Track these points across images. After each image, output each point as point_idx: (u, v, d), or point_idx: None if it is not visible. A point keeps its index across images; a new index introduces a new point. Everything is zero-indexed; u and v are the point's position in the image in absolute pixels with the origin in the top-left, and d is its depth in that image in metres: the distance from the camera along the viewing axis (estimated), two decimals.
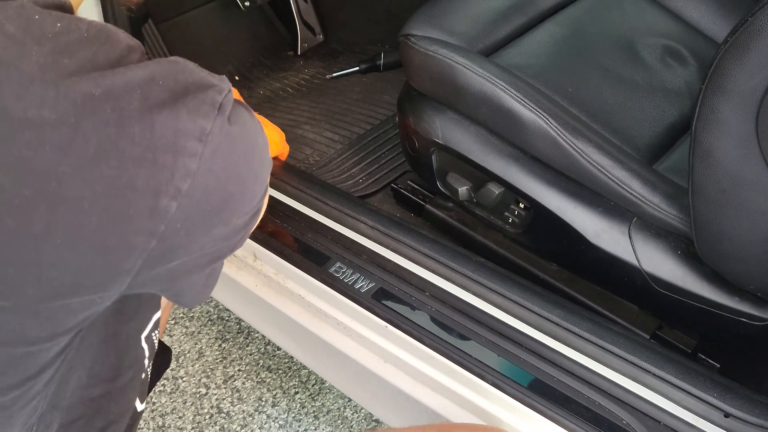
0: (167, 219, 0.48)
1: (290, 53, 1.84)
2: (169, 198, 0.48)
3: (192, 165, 0.48)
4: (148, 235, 0.48)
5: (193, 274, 0.58)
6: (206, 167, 0.49)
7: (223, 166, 0.50)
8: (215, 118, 0.49)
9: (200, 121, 0.48)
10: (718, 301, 0.89)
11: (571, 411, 0.83)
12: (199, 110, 0.48)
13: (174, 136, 0.47)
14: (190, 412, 1.42)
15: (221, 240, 0.56)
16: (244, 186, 0.54)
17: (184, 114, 0.48)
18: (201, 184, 0.49)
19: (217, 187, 0.51)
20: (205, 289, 0.64)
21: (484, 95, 0.99)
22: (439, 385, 0.93)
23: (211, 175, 0.49)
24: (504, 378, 0.88)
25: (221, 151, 0.50)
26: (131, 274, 0.50)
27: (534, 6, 1.16)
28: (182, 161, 0.47)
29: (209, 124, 0.48)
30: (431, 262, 1.00)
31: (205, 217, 0.51)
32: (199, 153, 0.48)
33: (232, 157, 0.51)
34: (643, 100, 1.04)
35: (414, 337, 0.94)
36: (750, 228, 0.78)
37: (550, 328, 0.90)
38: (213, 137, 0.49)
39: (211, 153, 0.49)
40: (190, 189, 0.48)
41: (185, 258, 0.53)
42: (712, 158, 0.75)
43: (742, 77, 0.68)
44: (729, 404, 0.80)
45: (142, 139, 0.46)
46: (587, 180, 0.95)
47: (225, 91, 0.50)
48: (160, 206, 0.47)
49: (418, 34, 1.06)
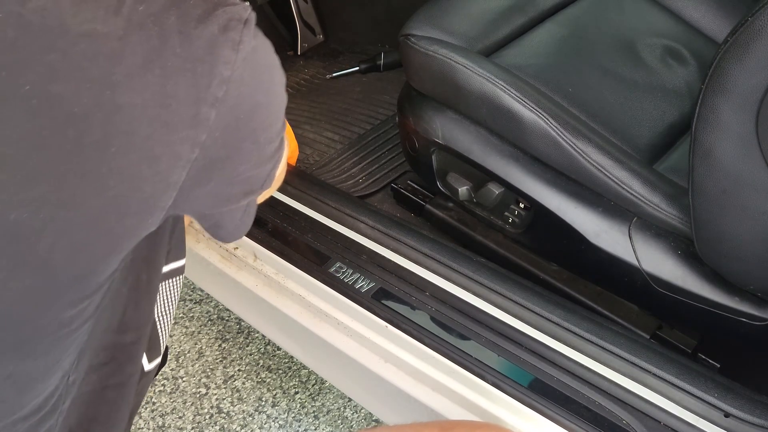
0: (208, 127, 0.52)
1: (290, 53, 1.84)
2: (208, 106, 0.52)
3: (226, 72, 0.52)
4: (191, 144, 0.52)
5: (231, 203, 0.63)
6: (238, 75, 0.53)
7: (252, 75, 0.54)
8: (242, 29, 0.53)
9: (231, 33, 0.52)
10: (718, 301, 0.89)
11: (571, 411, 0.83)
12: (228, 24, 0.52)
13: (209, 46, 0.51)
14: (190, 412, 1.42)
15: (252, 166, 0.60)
16: (269, 98, 0.58)
17: (215, 27, 0.52)
18: (234, 91, 0.53)
19: (248, 94, 0.55)
20: (242, 224, 0.69)
21: (484, 95, 0.99)
22: (439, 385, 0.94)
23: (242, 84, 0.53)
24: (504, 378, 0.88)
25: (249, 61, 0.53)
26: (177, 187, 0.54)
27: (534, 6, 1.16)
28: (218, 69, 0.51)
29: (238, 35, 0.52)
30: (431, 262, 1.00)
31: (239, 126, 0.55)
32: (233, 61, 0.52)
33: (258, 68, 0.55)
34: (643, 99, 1.04)
35: (414, 337, 0.94)
36: (750, 228, 0.78)
37: (550, 328, 0.90)
38: (243, 47, 0.53)
39: (242, 61, 0.53)
40: (226, 96, 0.52)
41: (222, 179, 0.58)
42: (712, 158, 0.75)
43: (742, 77, 0.68)
44: (729, 404, 0.80)
45: (181, 50, 0.51)
46: (587, 180, 0.95)
47: (248, 9, 0.55)
48: (201, 114, 0.52)
49: (418, 34, 1.06)
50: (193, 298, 1.64)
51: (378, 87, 1.65)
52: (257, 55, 0.55)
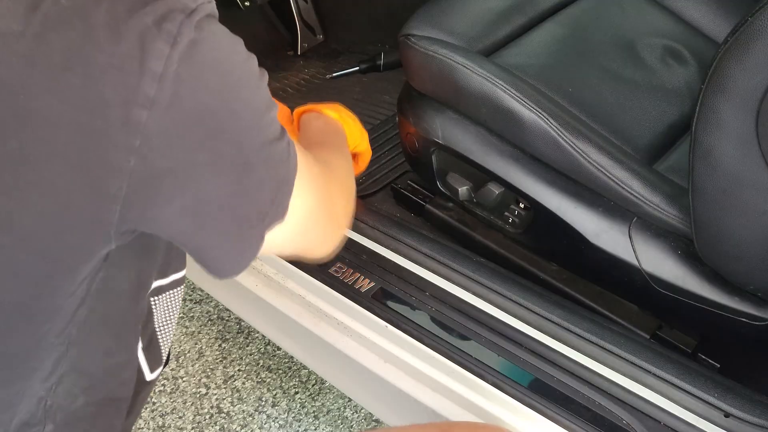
0: (140, 131, 0.46)
1: (290, 53, 1.84)
2: (139, 107, 0.46)
3: (158, 68, 0.46)
4: (124, 151, 0.46)
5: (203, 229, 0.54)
6: (173, 71, 0.46)
7: (192, 72, 0.48)
8: (183, 21, 0.47)
9: (166, 25, 0.46)
10: (718, 301, 0.89)
11: (571, 411, 0.83)
12: (167, 15, 0.46)
13: (140, 40, 0.45)
14: (190, 412, 1.42)
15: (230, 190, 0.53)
16: (222, 102, 0.50)
17: (150, 18, 0.46)
18: (169, 89, 0.46)
19: (188, 95, 0.48)
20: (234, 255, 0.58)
21: (484, 95, 0.99)
22: (439, 385, 0.94)
23: (180, 82, 0.47)
24: (504, 378, 0.88)
25: (189, 56, 0.47)
26: (119, 201, 0.48)
27: (534, 6, 1.16)
28: (148, 65, 0.45)
29: (175, 27, 0.46)
30: (431, 262, 1.00)
31: (182, 134, 0.48)
32: (166, 55, 0.46)
33: (201, 65, 0.48)
34: (643, 100, 1.04)
35: (414, 337, 0.94)
36: (750, 228, 0.78)
37: (550, 328, 0.90)
38: (181, 39, 0.46)
39: (178, 57, 0.46)
40: (159, 95, 0.46)
41: (188, 199, 0.51)
42: (712, 158, 0.75)
43: (742, 77, 0.68)
44: (729, 404, 0.80)
45: (108, 45, 0.45)
46: (587, 180, 0.95)
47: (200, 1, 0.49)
48: (131, 116, 0.46)
49: (418, 34, 1.06)
50: (193, 298, 1.64)
51: (378, 87, 1.65)
52: (200, 50, 0.48)
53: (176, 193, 0.50)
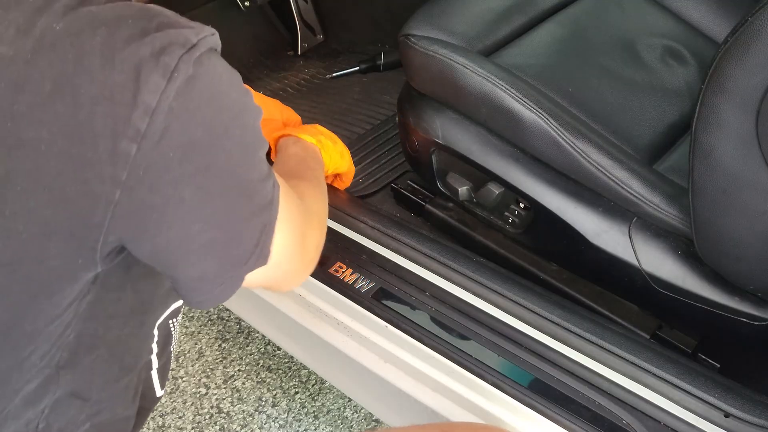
0: (128, 164, 0.45)
1: (290, 53, 1.84)
2: (128, 140, 0.45)
3: (152, 101, 0.44)
4: (110, 183, 0.46)
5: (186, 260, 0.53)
6: (166, 106, 0.45)
7: (186, 107, 0.46)
8: (182, 55, 0.45)
9: (165, 58, 0.45)
10: (718, 301, 0.89)
11: (571, 411, 0.83)
12: (166, 48, 0.45)
13: (135, 71, 0.44)
14: (190, 412, 1.42)
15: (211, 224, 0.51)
16: (211, 136, 0.49)
17: (148, 50, 0.45)
18: (161, 124, 0.45)
19: (180, 129, 0.46)
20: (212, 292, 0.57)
21: (484, 95, 0.99)
22: (439, 385, 0.93)
23: (172, 116, 0.45)
24: (504, 378, 0.88)
25: (185, 91, 0.46)
26: (102, 230, 0.47)
27: (534, 6, 1.16)
28: (142, 98, 0.44)
29: (174, 61, 0.45)
30: (431, 262, 1.00)
31: (170, 167, 0.47)
32: (161, 89, 0.45)
33: (196, 100, 0.47)
34: (643, 99, 1.04)
35: (414, 337, 0.94)
36: (750, 228, 0.78)
37: (550, 328, 0.90)
38: (178, 75, 0.45)
39: (174, 91, 0.45)
40: (150, 129, 0.45)
41: (166, 232, 0.49)
42: (712, 158, 0.75)
43: (742, 77, 0.68)
44: (729, 404, 0.80)
45: (100, 74, 0.44)
46: (587, 180, 0.95)
47: (202, 34, 0.47)
48: (119, 149, 0.45)
49: (418, 34, 1.06)
50: None
51: (378, 87, 1.65)
52: (197, 85, 0.46)
53: (161, 228, 0.49)
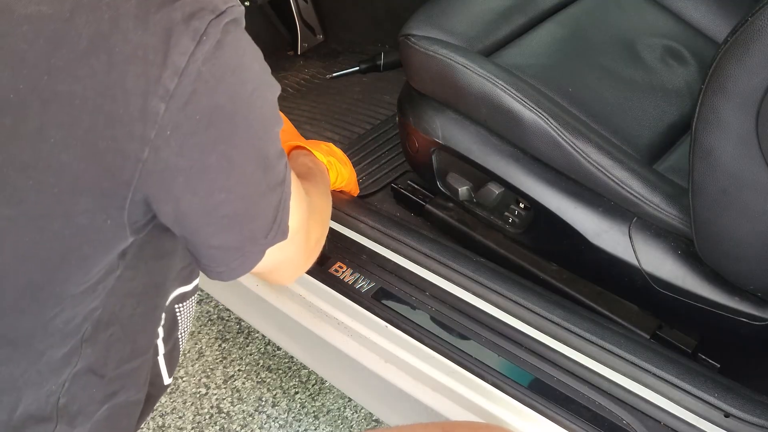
0: (157, 123, 0.47)
1: (290, 53, 1.84)
2: (157, 98, 0.46)
3: (180, 63, 0.46)
4: (139, 141, 0.47)
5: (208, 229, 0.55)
6: (195, 69, 0.47)
7: (213, 72, 0.48)
8: (211, 21, 0.47)
9: (195, 22, 0.47)
10: (718, 301, 0.89)
11: (571, 411, 0.83)
12: (196, 13, 0.47)
13: (166, 34, 0.46)
14: (190, 412, 1.42)
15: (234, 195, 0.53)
16: (234, 105, 0.51)
17: (179, 14, 0.46)
18: (189, 86, 0.47)
19: (206, 93, 0.48)
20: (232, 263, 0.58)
21: (484, 95, 0.99)
22: (439, 385, 0.94)
23: (199, 79, 0.47)
24: (504, 378, 0.88)
25: (213, 56, 0.47)
26: (130, 188, 0.49)
27: (534, 6, 1.16)
28: (172, 59, 0.46)
29: (203, 26, 0.47)
30: (431, 262, 1.00)
31: (196, 131, 0.49)
32: (190, 51, 0.46)
33: (223, 66, 0.48)
34: (643, 99, 1.04)
35: (414, 337, 0.94)
36: (750, 228, 0.78)
37: (550, 328, 0.90)
38: (207, 39, 0.47)
39: (202, 56, 0.47)
40: (178, 89, 0.47)
41: (191, 197, 0.51)
42: (712, 158, 0.75)
43: (742, 77, 0.68)
44: (729, 404, 0.80)
45: (134, 35, 0.46)
46: (587, 180, 0.95)
47: (230, 3, 0.49)
48: (149, 107, 0.46)
49: (418, 34, 1.06)
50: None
51: (378, 87, 1.65)
52: (224, 52, 0.48)
53: (186, 193, 0.51)
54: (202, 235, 0.55)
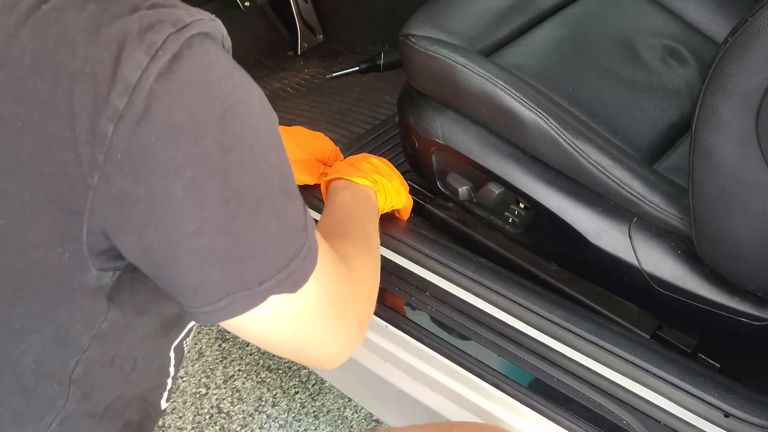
0: (105, 145, 0.42)
1: (290, 53, 1.84)
2: (106, 119, 0.42)
3: (132, 79, 0.42)
4: (88, 166, 0.43)
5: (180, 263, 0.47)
6: (147, 86, 0.42)
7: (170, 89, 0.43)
8: (170, 35, 0.43)
9: (151, 35, 0.42)
10: (718, 301, 0.89)
11: (571, 411, 0.83)
12: (154, 26, 0.42)
13: (118, 48, 0.42)
14: (190, 412, 1.42)
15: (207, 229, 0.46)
16: (199, 124, 0.44)
17: (135, 27, 0.42)
18: (140, 104, 0.42)
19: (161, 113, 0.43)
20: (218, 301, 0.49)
21: (484, 95, 0.99)
22: (439, 385, 0.94)
23: (153, 97, 0.42)
24: (504, 378, 0.88)
25: (169, 71, 0.43)
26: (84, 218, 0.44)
27: (534, 6, 1.16)
28: (122, 74, 0.42)
29: (160, 39, 0.42)
30: (431, 262, 1.00)
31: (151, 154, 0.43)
32: (143, 66, 0.42)
33: (182, 81, 0.43)
34: (643, 99, 1.04)
35: (414, 337, 0.94)
36: (750, 228, 0.78)
37: (550, 328, 0.90)
38: (163, 53, 0.42)
39: (156, 70, 0.42)
40: (129, 109, 0.42)
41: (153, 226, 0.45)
42: (712, 158, 0.75)
43: (742, 77, 0.68)
44: (729, 404, 0.80)
45: (82, 50, 0.42)
46: (587, 180, 0.95)
47: (198, 16, 0.44)
48: (97, 129, 0.42)
49: (418, 34, 1.06)
50: None
51: (378, 87, 1.65)
52: (182, 66, 0.43)
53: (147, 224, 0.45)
54: (174, 270, 0.48)
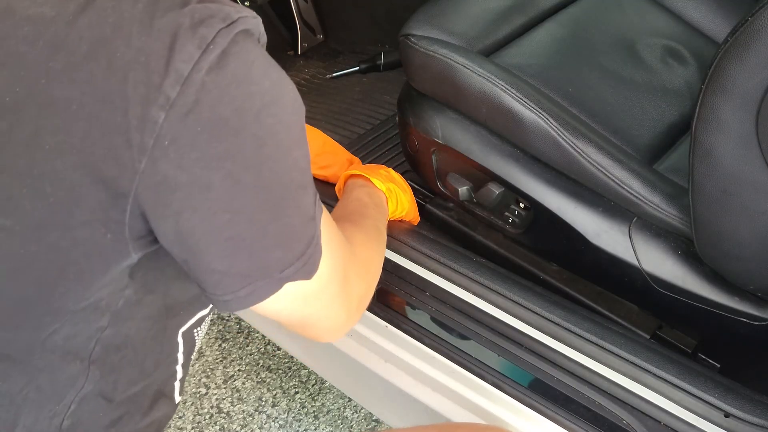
0: (155, 132, 0.44)
1: (290, 53, 1.84)
2: (157, 107, 0.44)
3: (184, 70, 0.44)
4: (137, 150, 0.45)
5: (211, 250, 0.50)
6: (199, 78, 0.44)
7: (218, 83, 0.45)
8: (221, 29, 0.45)
9: (203, 29, 0.44)
10: (718, 301, 0.89)
11: (571, 411, 0.83)
12: (205, 20, 0.45)
13: (171, 40, 0.44)
14: (190, 412, 1.42)
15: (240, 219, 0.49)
16: (241, 119, 0.47)
17: (187, 20, 0.44)
18: (192, 95, 0.45)
19: (209, 104, 0.45)
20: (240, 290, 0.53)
21: (484, 95, 0.99)
22: (439, 385, 0.94)
23: (203, 90, 0.45)
24: (504, 378, 0.88)
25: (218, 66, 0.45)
26: (128, 201, 0.47)
27: (534, 6, 1.16)
28: (174, 66, 0.44)
29: (211, 33, 0.45)
30: (431, 262, 1.00)
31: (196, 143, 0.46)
32: (195, 60, 0.44)
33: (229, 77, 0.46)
34: (643, 100, 1.04)
35: (414, 337, 0.94)
36: (750, 228, 0.78)
37: (550, 328, 0.90)
38: (214, 47, 0.45)
39: (207, 65, 0.45)
40: (180, 98, 0.44)
41: (191, 216, 0.48)
42: (712, 158, 0.75)
43: (742, 77, 0.68)
44: (729, 404, 0.80)
45: (137, 40, 0.44)
46: (587, 180, 0.95)
47: (243, 13, 0.47)
48: (148, 116, 0.44)
49: (418, 34, 1.06)
50: None
51: (378, 87, 1.65)
52: (230, 63, 0.46)
53: (185, 210, 0.48)
54: (205, 257, 0.51)
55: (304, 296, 0.58)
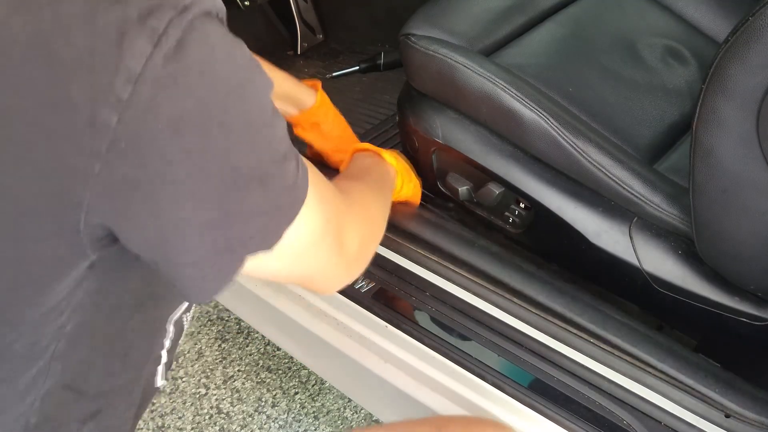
0: (108, 135, 0.41)
1: (290, 53, 1.84)
2: (108, 109, 0.41)
3: (135, 68, 0.40)
4: (89, 156, 0.42)
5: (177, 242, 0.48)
6: (154, 75, 0.41)
7: (175, 76, 0.42)
8: (172, 18, 0.41)
9: (152, 21, 0.41)
10: (718, 301, 0.89)
11: (571, 411, 0.83)
12: (154, 10, 0.41)
13: (118, 35, 0.40)
14: (189, 413, 1.42)
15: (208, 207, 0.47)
16: (206, 110, 0.44)
17: (134, 12, 0.41)
18: (147, 93, 0.41)
19: (168, 100, 0.42)
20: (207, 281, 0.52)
21: (485, 95, 0.99)
22: (439, 385, 0.93)
23: (159, 86, 0.42)
24: (504, 378, 0.88)
25: (174, 58, 0.42)
26: (82, 210, 0.44)
27: (534, 6, 1.16)
28: (124, 64, 0.40)
29: (162, 25, 0.41)
30: (431, 262, 1.00)
31: (156, 141, 0.43)
32: (147, 54, 0.41)
33: (188, 69, 0.43)
34: (643, 99, 1.04)
35: (414, 337, 0.94)
36: (750, 228, 0.78)
37: (550, 327, 0.90)
38: (166, 39, 0.41)
39: (162, 59, 0.41)
40: (133, 98, 0.41)
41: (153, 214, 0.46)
42: (712, 158, 0.75)
43: (742, 77, 0.68)
44: (730, 400, 0.80)
45: (80, 39, 0.40)
46: (587, 180, 0.95)
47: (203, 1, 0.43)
48: (99, 119, 0.41)
49: (418, 34, 1.06)
50: None
51: (378, 87, 1.65)
52: (188, 53, 0.42)
53: (146, 209, 0.45)
54: (172, 250, 0.48)
55: (299, 253, 0.57)
